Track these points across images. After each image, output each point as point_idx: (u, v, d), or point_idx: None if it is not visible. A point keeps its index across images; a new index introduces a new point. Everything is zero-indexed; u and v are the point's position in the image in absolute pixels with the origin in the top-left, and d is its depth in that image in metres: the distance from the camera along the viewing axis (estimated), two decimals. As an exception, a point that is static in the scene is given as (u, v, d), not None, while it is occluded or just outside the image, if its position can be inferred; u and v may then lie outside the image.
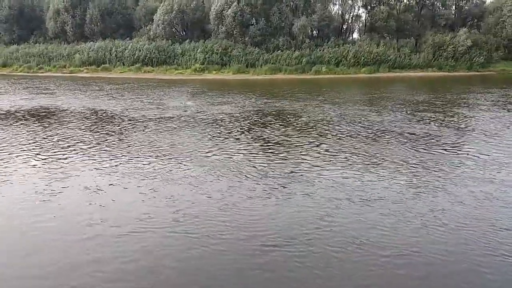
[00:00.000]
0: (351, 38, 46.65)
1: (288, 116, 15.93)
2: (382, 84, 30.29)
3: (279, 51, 41.02)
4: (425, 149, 10.82)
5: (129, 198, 7.65)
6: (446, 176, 8.68)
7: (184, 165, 9.56)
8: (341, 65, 39.42)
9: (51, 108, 18.58)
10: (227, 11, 41.42)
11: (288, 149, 10.97)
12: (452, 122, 14.43)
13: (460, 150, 10.82)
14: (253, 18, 41.66)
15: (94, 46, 44.62)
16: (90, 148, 11.22)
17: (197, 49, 41.92)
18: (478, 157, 10.08)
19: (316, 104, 19.13)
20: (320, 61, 39.77)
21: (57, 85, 30.16)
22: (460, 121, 14.72)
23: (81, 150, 11.03)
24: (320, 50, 40.38)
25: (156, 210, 7.09)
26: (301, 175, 8.81)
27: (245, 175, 8.79)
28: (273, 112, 16.79)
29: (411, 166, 9.34)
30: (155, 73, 40.11)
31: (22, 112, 17.48)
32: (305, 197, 7.60)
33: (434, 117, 15.36)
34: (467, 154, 10.41)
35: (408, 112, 16.57)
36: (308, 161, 9.81)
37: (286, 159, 10.03)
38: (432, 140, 11.81)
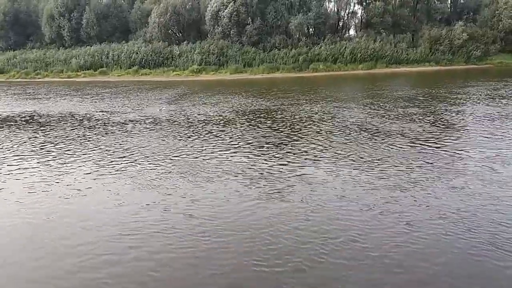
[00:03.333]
0: (347, 35, 46.67)
1: (274, 114, 15.96)
2: (380, 80, 30.32)
3: (276, 50, 41.09)
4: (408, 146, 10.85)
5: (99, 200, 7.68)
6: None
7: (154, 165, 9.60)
8: (338, 62, 39.47)
9: (29, 114, 18.62)
10: (223, 12, 41.45)
11: (276, 148, 11.00)
12: (443, 119, 14.45)
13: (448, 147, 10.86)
14: (249, 18, 41.73)
15: (90, 50, 44.68)
16: (60, 152, 11.26)
17: (194, 50, 41.99)
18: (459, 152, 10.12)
19: (308, 102, 19.15)
20: (317, 59, 39.83)
21: (48, 90, 30.15)
22: (451, 117, 14.74)
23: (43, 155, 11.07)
24: (317, 48, 40.42)
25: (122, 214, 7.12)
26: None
27: (209, 175, 8.83)
28: (259, 111, 16.82)
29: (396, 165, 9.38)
30: (152, 75, 40.16)
31: None
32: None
33: (425, 113, 15.38)
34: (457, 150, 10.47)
35: (400, 109, 16.59)
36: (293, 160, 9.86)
37: (270, 157, 10.06)
38: (425, 139, 11.84)
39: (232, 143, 11.80)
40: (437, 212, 6.70)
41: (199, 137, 12.69)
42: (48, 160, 10.63)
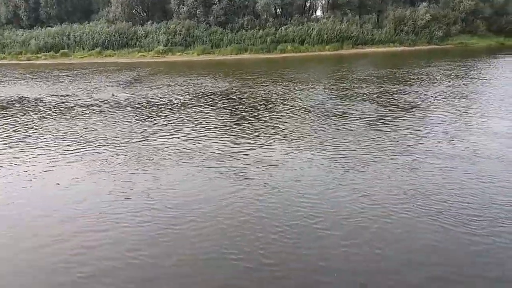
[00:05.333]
0: (314, 15, 46.72)
1: (237, 95, 16.01)
2: (345, 61, 30.70)
3: (244, 31, 40.71)
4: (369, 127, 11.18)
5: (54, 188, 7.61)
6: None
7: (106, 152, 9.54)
8: (305, 43, 39.58)
9: None
10: (188, -9, 40.55)
11: (233, 129, 11.10)
12: (402, 99, 14.88)
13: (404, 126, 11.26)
14: (216, -3, 41.01)
15: (51, 31, 42.88)
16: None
17: (159, 31, 41.04)
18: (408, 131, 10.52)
19: (273, 83, 19.24)
20: (284, 40, 39.77)
21: (4, 74, 28.88)
22: (410, 97, 15.19)
23: None
24: (284, 29, 40.32)
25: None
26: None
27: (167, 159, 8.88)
28: (223, 93, 16.83)
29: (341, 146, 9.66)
30: (117, 56, 39.10)
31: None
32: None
33: (384, 93, 15.78)
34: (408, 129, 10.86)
35: (361, 89, 16.94)
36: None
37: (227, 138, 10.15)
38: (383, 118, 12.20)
39: (191, 125, 11.79)
40: (394, 189, 6.99)
41: (158, 120, 12.59)
42: (3, 148, 10.33)
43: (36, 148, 10.05)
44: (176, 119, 12.53)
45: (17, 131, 11.80)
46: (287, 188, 7.17)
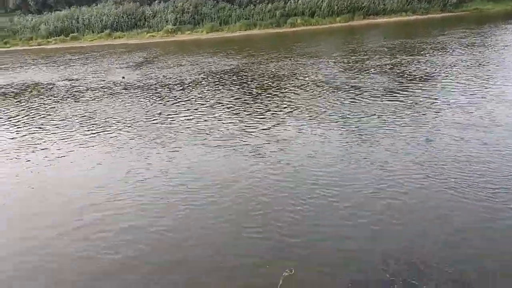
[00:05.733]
0: (323, -14, 45.56)
1: (246, 73, 15.92)
2: (357, 33, 30.12)
3: (252, 6, 40.07)
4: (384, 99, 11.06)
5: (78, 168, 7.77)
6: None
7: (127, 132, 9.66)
8: (316, 16, 38.80)
9: None
10: (194, -33, 39.92)
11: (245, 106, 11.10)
12: (414, 70, 14.63)
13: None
14: (222, -27, 40.31)
15: (60, 15, 42.84)
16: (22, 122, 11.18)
17: (167, 10, 40.63)
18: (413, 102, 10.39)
19: (283, 59, 19.06)
20: (294, 13, 39.04)
21: (16, 59, 29.13)
22: (423, 67, 14.92)
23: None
24: (294, 2, 39.56)
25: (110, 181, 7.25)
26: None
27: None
28: (229, 70, 16.75)
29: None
30: (126, 38, 38.96)
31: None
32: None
33: (396, 64, 15.52)
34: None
35: (373, 61, 16.68)
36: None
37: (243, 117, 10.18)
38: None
39: (203, 104, 11.84)
40: (410, 160, 6.99)
41: (169, 100, 12.67)
42: (15, 133, 10.56)
43: (51, 132, 10.25)
44: (188, 99, 12.59)
45: (32, 117, 12.01)
46: (302, 164, 7.22)
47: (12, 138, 10.10)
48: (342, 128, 8.85)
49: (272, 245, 5.06)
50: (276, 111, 10.54)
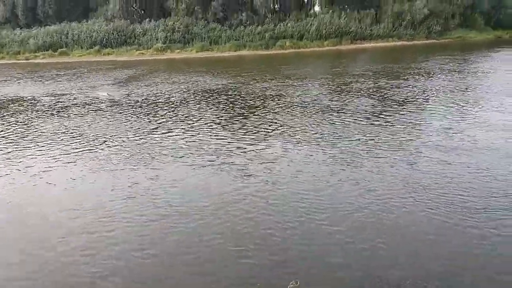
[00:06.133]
0: (312, 11, 46.60)
1: (234, 92, 16.04)
2: (344, 57, 30.70)
3: (242, 27, 40.65)
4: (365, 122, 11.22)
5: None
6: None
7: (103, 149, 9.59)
8: (304, 39, 39.52)
9: None
10: (186, -12, 40.52)
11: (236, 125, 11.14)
12: (398, 94, 14.91)
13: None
14: (214, -6, 40.92)
15: (49, 30, 42.78)
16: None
17: (158, 28, 40.94)
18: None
19: (270, 80, 19.26)
20: (283, 36, 39.71)
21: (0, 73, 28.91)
22: (408, 92, 15.21)
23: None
24: (283, 25, 40.27)
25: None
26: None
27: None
28: (220, 90, 16.86)
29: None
30: (115, 55, 39.00)
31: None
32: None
33: (381, 88, 15.81)
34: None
35: (358, 84, 16.97)
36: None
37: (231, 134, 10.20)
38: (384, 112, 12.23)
39: (189, 122, 11.84)
40: (394, 183, 7.05)
41: (155, 118, 12.64)
42: (0, 148, 10.38)
43: (34, 147, 10.09)
44: (174, 117, 12.57)
45: (15, 131, 11.83)
46: (287, 184, 7.22)
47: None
48: (326, 149, 8.91)
49: (261, 266, 4.99)
50: (262, 131, 10.58)
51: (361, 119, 11.30)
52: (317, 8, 47.88)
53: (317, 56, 32.42)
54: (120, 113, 13.50)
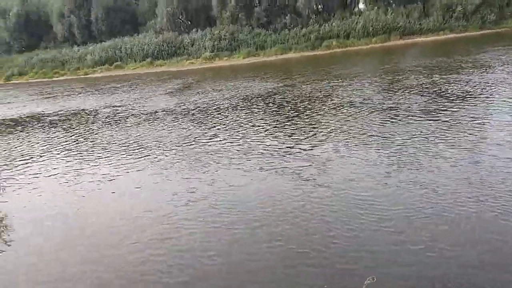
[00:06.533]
0: (357, 9, 45.84)
1: (285, 95, 16.08)
2: (393, 53, 29.90)
3: (287, 30, 40.78)
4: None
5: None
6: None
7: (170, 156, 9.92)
8: (351, 37, 38.94)
9: (44, 114, 19.17)
10: (229, -5, 41.32)
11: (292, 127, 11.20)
12: (454, 89, 14.32)
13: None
14: (256, 0, 41.41)
15: (104, 46, 45.20)
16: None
17: (205, 38, 42.01)
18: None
19: (321, 80, 19.15)
20: (329, 36, 39.36)
21: (64, 89, 30.80)
22: (464, 86, 14.59)
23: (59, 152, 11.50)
24: (328, 25, 39.94)
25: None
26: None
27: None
28: (266, 94, 16.96)
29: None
30: (167, 66, 40.44)
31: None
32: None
33: (435, 83, 15.25)
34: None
35: (409, 81, 16.48)
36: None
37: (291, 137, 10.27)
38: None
39: (241, 128, 12.05)
40: (457, 183, 6.84)
41: (208, 124, 12.99)
42: (63, 158, 11.10)
43: (97, 157, 10.74)
44: (226, 123, 12.89)
45: (79, 142, 12.62)
46: (343, 187, 7.22)
47: (60, 163, 10.65)
48: (381, 149, 8.80)
49: (321, 272, 5.05)
50: (313, 133, 10.63)
51: (416, 116, 11.02)
52: (361, 6, 47.02)
53: (366, 54, 31.85)
54: (175, 121, 14.04)
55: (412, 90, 14.52)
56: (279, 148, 9.74)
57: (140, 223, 6.83)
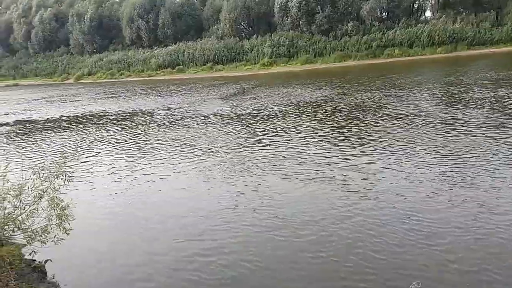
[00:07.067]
0: (423, 17, 44.20)
1: (340, 104, 15.74)
2: (460, 64, 28.42)
3: (347, 37, 40.21)
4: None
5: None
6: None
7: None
8: (415, 46, 37.65)
9: (102, 113, 20.13)
10: (291, 2, 41.43)
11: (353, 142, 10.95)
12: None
13: None
14: (318, 6, 41.19)
15: (168, 50, 47.19)
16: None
17: (265, 43, 42.50)
18: None
19: (375, 90, 18.60)
20: (392, 44, 38.32)
21: (127, 89, 32.35)
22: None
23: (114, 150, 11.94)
24: (391, 33, 38.85)
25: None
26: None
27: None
28: (319, 102, 16.68)
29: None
30: (225, 70, 41.38)
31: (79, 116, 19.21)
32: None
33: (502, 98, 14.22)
34: None
35: (476, 94, 15.51)
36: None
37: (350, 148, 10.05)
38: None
39: (292, 135, 11.98)
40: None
41: (259, 130, 13.03)
42: (117, 155, 11.60)
43: (150, 157, 11.12)
44: (276, 128, 12.88)
45: (134, 141, 13.13)
46: (391, 201, 6.94)
47: (115, 160, 11.18)
48: (433, 164, 8.37)
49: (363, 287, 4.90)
50: (363, 143, 10.34)
51: (474, 132, 10.39)
52: (428, 14, 45.29)
53: (428, 64, 30.59)
54: (227, 125, 14.27)
55: (473, 104, 13.70)
56: (325, 157, 9.58)
57: (184, 222, 6.99)
